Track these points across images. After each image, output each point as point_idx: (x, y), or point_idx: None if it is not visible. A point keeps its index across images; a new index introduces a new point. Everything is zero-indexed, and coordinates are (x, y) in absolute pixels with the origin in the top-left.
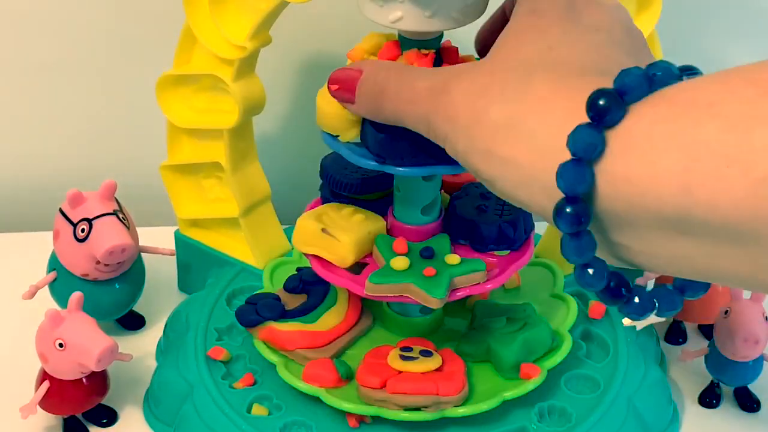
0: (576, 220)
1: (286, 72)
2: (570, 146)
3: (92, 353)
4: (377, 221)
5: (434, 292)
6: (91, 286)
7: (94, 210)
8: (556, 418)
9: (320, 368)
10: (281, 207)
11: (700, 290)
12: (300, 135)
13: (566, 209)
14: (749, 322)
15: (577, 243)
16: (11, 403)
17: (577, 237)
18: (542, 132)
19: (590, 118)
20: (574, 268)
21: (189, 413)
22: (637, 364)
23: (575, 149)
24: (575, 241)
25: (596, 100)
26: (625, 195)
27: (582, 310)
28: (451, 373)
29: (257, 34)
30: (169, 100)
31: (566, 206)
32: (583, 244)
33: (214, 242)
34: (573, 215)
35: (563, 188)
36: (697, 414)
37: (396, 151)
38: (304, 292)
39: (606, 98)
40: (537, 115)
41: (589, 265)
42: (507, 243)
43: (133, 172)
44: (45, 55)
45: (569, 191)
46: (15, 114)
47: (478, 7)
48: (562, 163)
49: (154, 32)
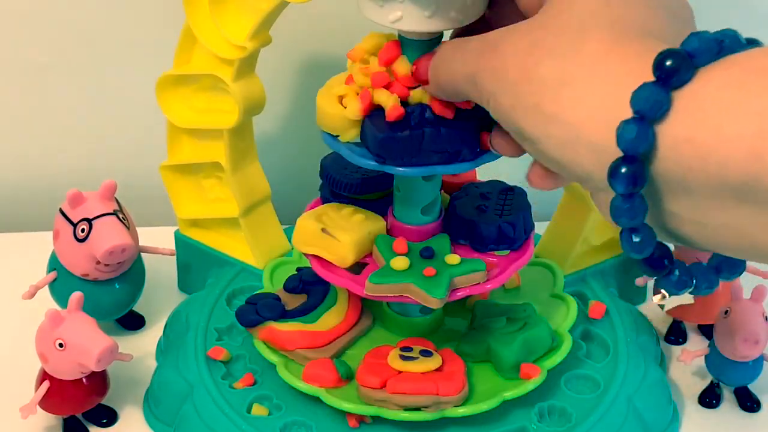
0: (633, 180)
1: (286, 72)
2: (633, 104)
3: (92, 353)
4: (377, 221)
5: (434, 292)
6: (91, 286)
7: (94, 210)
8: (556, 418)
9: (320, 368)
10: (281, 207)
11: (736, 271)
12: (300, 135)
13: (622, 169)
14: (749, 322)
15: (630, 205)
16: (11, 403)
17: (630, 199)
18: (595, 90)
19: (657, 77)
20: (621, 233)
21: (189, 413)
22: (637, 364)
23: (639, 107)
24: (628, 203)
25: (665, 60)
26: (685, 158)
27: (582, 310)
28: (451, 373)
29: (257, 34)
30: (169, 100)
31: (623, 165)
32: (635, 206)
33: (214, 242)
34: (630, 175)
35: (623, 146)
36: (697, 414)
37: (396, 151)
38: (304, 292)
39: (675, 58)
40: (590, 73)
41: (638, 231)
42: (507, 243)
43: (133, 172)
44: (45, 55)
45: (629, 150)
46: (15, 114)
47: (478, 7)
48: (623, 120)
49: (154, 32)
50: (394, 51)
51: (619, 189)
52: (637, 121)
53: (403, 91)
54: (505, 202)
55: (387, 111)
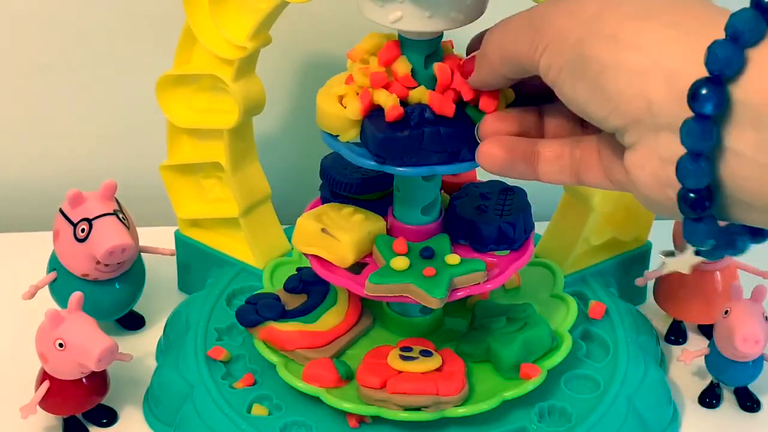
0: (717, 101)
1: (286, 72)
2: (728, 28)
3: (92, 353)
4: (377, 221)
5: (434, 292)
6: (91, 286)
7: (94, 210)
8: (556, 418)
9: (320, 368)
10: (281, 207)
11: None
12: (300, 135)
13: (703, 90)
14: (749, 322)
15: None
16: (11, 403)
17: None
18: (681, 25)
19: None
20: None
21: (189, 413)
22: (637, 364)
23: (734, 29)
24: (702, 125)
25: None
26: None
27: (582, 310)
28: (451, 373)
29: (257, 34)
30: (169, 100)
31: (705, 86)
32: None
33: (214, 242)
34: (713, 95)
35: (711, 67)
36: (697, 414)
37: (396, 151)
38: (304, 292)
39: None
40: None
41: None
42: (507, 243)
43: (133, 172)
44: (45, 55)
45: (717, 69)
46: (15, 114)
47: (478, 7)
48: (716, 39)
49: (154, 32)
50: (394, 51)
51: (704, 109)
52: (731, 41)
53: (402, 91)
54: (505, 202)
55: (386, 111)
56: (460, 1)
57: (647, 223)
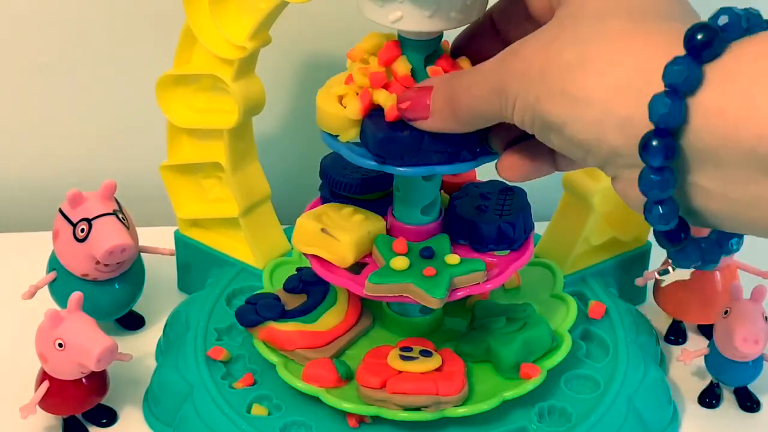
0: (666, 152)
1: (286, 72)
2: (666, 77)
3: (92, 353)
4: (377, 221)
5: (434, 292)
6: (91, 286)
7: (94, 210)
8: (556, 418)
9: (320, 368)
10: (281, 207)
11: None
12: (300, 135)
13: (653, 142)
14: (749, 322)
15: (660, 178)
16: (11, 403)
17: (661, 172)
18: (622, 68)
19: (688, 50)
20: (646, 205)
21: (189, 413)
22: (637, 364)
23: (671, 80)
24: (659, 175)
25: (696, 33)
26: (718, 129)
27: (582, 310)
28: (451, 373)
29: (257, 34)
30: (169, 100)
31: (654, 138)
32: (665, 179)
33: (214, 242)
34: (662, 148)
35: (655, 120)
36: (697, 414)
37: (396, 151)
38: (304, 292)
39: (706, 32)
40: (616, 52)
41: (665, 203)
42: (507, 243)
43: (133, 172)
44: (45, 55)
45: (661, 123)
46: (15, 114)
47: (478, 7)
48: (655, 94)
49: (154, 32)
50: (393, 51)
51: (653, 162)
52: (669, 95)
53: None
54: (504, 202)
55: (386, 111)
56: (460, 1)
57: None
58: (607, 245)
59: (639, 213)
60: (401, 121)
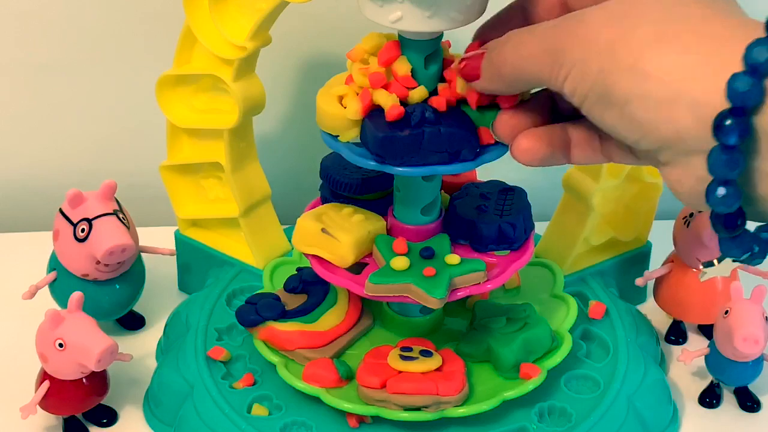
0: (741, 131)
1: (286, 72)
2: (747, 57)
3: (92, 353)
4: (377, 221)
5: (434, 292)
6: (91, 286)
7: (94, 210)
8: (556, 418)
9: (320, 368)
10: (281, 207)
11: None
12: (300, 135)
13: (727, 121)
14: (749, 322)
15: (730, 157)
16: (11, 403)
17: (732, 151)
18: (699, 50)
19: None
20: (709, 185)
21: (189, 413)
22: (637, 364)
23: (753, 59)
24: (729, 154)
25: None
26: None
27: (582, 310)
28: (451, 373)
29: (257, 34)
30: (169, 100)
31: (729, 117)
32: (734, 159)
33: (214, 242)
34: (737, 126)
35: (733, 98)
36: (697, 414)
37: (396, 151)
38: (304, 292)
39: None
40: (693, 34)
41: (728, 183)
42: (507, 243)
43: (133, 172)
44: (45, 55)
45: (739, 101)
46: (15, 114)
47: (478, 7)
48: (735, 72)
49: (154, 32)
50: (393, 51)
51: (727, 140)
52: (749, 73)
53: (402, 92)
54: (505, 202)
55: (386, 111)
56: (460, 1)
57: (647, 223)
58: (607, 245)
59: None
60: (401, 120)
